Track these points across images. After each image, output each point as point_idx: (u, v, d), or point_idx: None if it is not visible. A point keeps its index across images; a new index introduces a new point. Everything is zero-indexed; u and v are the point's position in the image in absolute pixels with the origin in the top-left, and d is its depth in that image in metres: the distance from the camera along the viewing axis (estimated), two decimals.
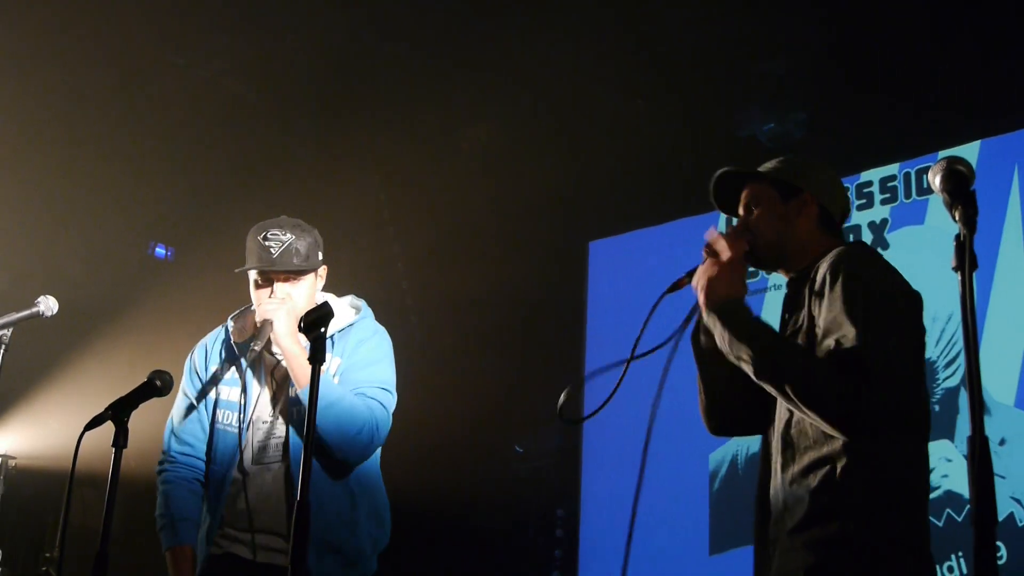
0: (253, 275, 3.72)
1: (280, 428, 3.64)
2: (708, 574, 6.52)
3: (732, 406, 3.04)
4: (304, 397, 3.41)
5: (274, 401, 3.68)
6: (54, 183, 7.51)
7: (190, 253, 8.52)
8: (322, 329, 2.63)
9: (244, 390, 3.69)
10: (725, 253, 2.85)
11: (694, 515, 6.69)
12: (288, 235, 3.68)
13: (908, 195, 6.42)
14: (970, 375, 1.95)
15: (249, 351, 3.64)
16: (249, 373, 3.72)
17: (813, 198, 2.94)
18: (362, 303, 3.93)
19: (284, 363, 3.62)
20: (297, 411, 3.56)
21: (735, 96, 6.84)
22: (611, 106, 7.07)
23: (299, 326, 2.68)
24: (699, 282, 2.83)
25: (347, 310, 3.86)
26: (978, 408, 1.93)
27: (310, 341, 2.63)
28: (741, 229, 2.98)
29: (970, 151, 6.25)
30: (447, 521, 7.70)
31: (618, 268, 7.67)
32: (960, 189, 2.13)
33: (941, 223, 6.25)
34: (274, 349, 3.68)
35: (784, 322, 2.90)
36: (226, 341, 3.83)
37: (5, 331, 3.89)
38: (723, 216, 7.08)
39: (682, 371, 7.13)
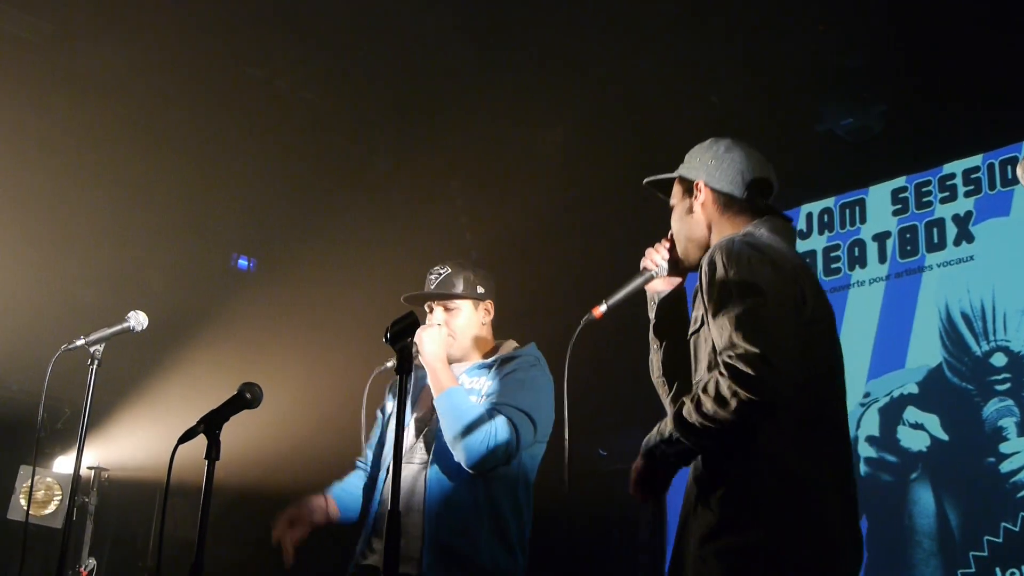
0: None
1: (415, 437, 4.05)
2: None
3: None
4: (437, 404, 3.88)
5: (418, 414, 4.10)
6: (139, 196, 7.69)
7: (272, 264, 8.69)
8: (408, 339, 2.71)
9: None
10: (652, 267, 3.05)
11: None
12: (446, 268, 4.19)
13: (992, 186, 6.36)
14: None
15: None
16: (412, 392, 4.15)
17: (705, 185, 3.00)
18: (532, 347, 4.26)
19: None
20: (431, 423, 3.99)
21: (814, 91, 6.80)
22: (686, 105, 7.07)
23: (385, 336, 2.77)
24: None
25: (512, 345, 4.27)
26: None
27: (396, 351, 2.71)
28: (667, 237, 3.14)
29: None
30: (534, 526, 7.76)
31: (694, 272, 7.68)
32: None
33: None
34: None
35: (693, 305, 2.95)
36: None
37: (98, 346, 4.04)
38: (802, 211, 7.12)
39: None
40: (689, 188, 3.06)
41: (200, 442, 3.41)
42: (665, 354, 3.15)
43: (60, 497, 7.53)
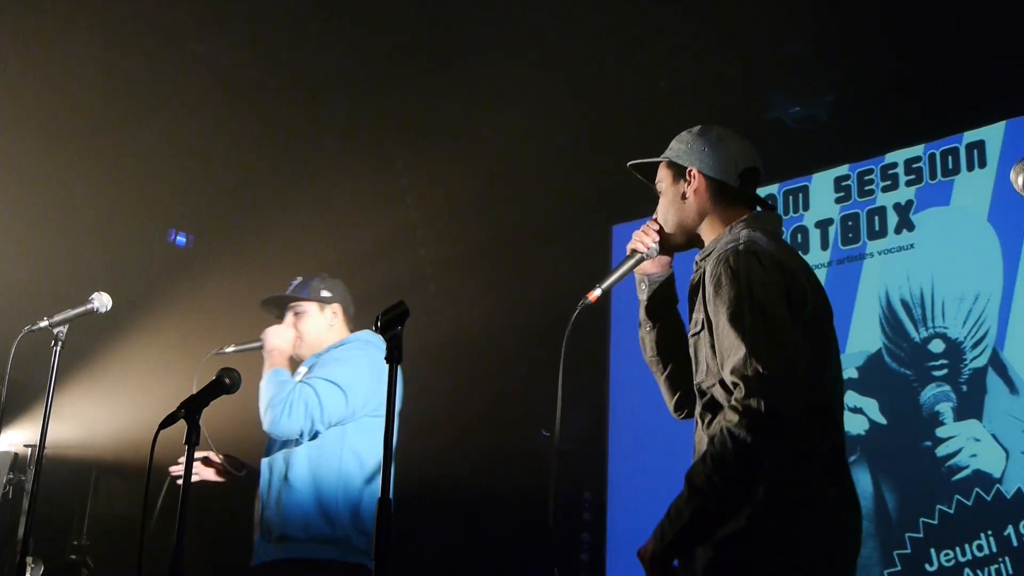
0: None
1: None
2: None
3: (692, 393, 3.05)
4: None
5: None
6: (73, 175, 7.58)
7: (211, 240, 8.62)
8: (399, 327, 2.77)
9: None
10: (642, 248, 3.07)
11: None
12: (298, 279, 4.71)
13: (933, 176, 6.51)
14: None
15: None
16: None
17: (699, 172, 3.00)
18: (366, 332, 4.59)
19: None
20: None
21: (761, 79, 6.91)
22: (634, 91, 7.15)
23: (376, 325, 2.82)
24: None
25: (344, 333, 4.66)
26: None
27: (387, 340, 2.76)
28: (654, 219, 3.12)
29: (995, 132, 6.35)
30: (475, 506, 7.83)
31: None
32: None
33: (967, 204, 6.36)
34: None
35: (690, 304, 3.00)
36: None
37: (61, 328, 4.03)
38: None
39: None
40: (681, 173, 3.06)
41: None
42: (658, 334, 3.26)
43: None
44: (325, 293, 4.66)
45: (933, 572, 5.95)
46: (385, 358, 2.76)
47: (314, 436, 4.19)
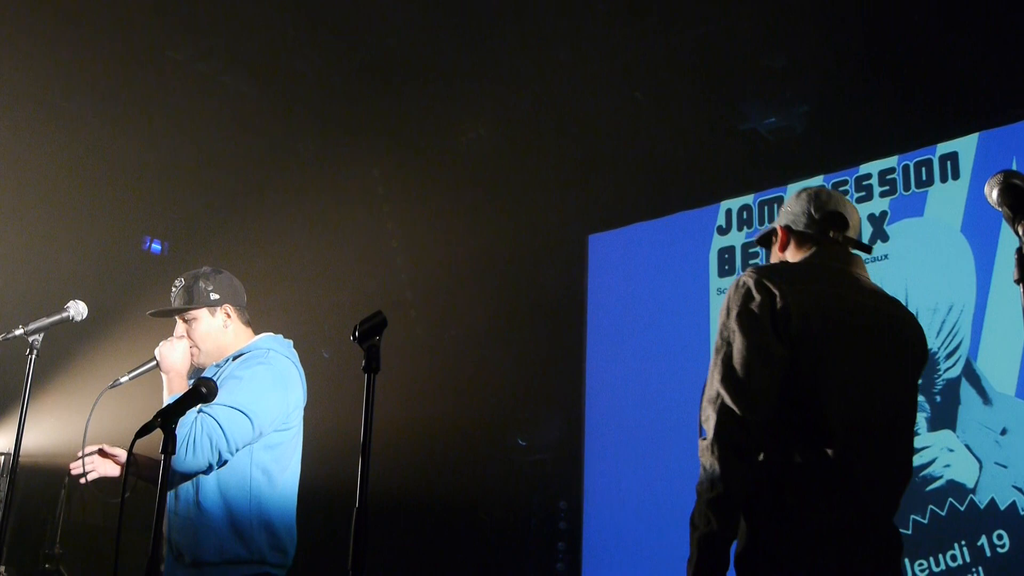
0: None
1: None
2: None
3: None
4: None
5: None
6: (48, 182, 7.55)
7: (185, 248, 8.59)
8: (376, 337, 2.77)
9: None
10: None
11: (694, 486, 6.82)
12: (182, 281, 4.37)
13: (907, 187, 6.56)
14: None
15: None
16: None
17: (782, 229, 3.21)
18: (265, 338, 4.43)
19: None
20: None
21: (737, 91, 6.94)
22: (610, 101, 7.17)
23: (353, 335, 2.82)
24: None
25: (246, 339, 4.40)
26: None
27: (364, 350, 2.76)
28: None
29: (968, 143, 6.40)
30: (452, 514, 7.83)
31: (617, 261, 7.80)
32: (1021, 203, 2.13)
33: (940, 215, 6.40)
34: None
35: None
36: None
37: (37, 336, 4.01)
38: (722, 207, 7.27)
39: (679, 361, 7.25)
40: (773, 235, 3.27)
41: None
42: None
43: None
44: (213, 296, 4.35)
45: None
46: (363, 368, 2.76)
47: (222, 464, 4.02)
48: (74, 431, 7.92)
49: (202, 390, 3.48)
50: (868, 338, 2.95)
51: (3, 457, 7.85)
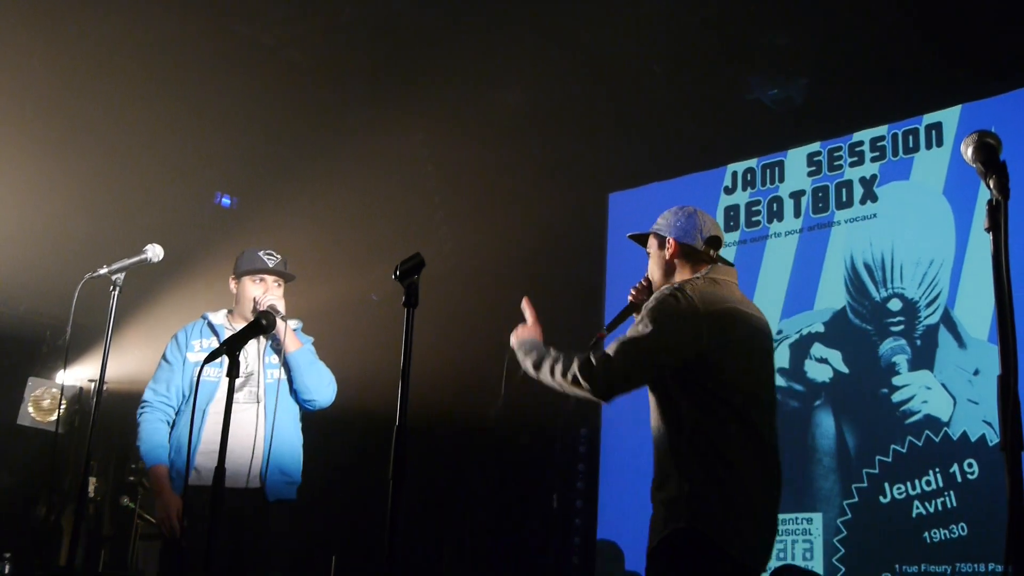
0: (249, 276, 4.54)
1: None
2: None
3: None
4: (293, 358, 4.37)
5: (246, 366, 4.36)
6: (135, 139, 7.61)
7: (252, 202, 8.65)
8: (415, 276, 2.80)
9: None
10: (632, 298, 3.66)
11: None
12: (279, 256, 4.59)
13: (896, 153, 6.53)
14: (1003, 325, 2.04)
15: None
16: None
17: (672, 240, 3.52)
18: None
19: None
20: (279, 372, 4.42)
21: (743, 65, 6.90)
22: (630, 72, 7.14)
23: (395, 273, 2.86)
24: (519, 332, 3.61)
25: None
26: (1011, 354, 2.01)
27: (404, 287, 2.80)
28: (645, 277, 3.66)
29: (952, 114, 6.36)
30: (481, 439, 7.89)
31: (635, 217, 7.78)
32: (992, 160, 2.18)
33: (925, 179, 6.37)
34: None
35: None
36: (206, 322, 4.60)
37: (119, 275, 4.06)
38: (729, 169, 7.25)
39: None
40: (663, 241, 3.55)
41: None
42: None
43: (64, 406, 7.54)
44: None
45: (887, 503, 6.00)
46: (403, 304, 2.80)
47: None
48: (153, 360, 8.07)
49: (263, 322, 3.53)
50: (757, 338, 3.36)
51: (92, 383, 7.98)
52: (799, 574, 5.57)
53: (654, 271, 3.58)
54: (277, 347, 4.31)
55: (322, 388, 4.40)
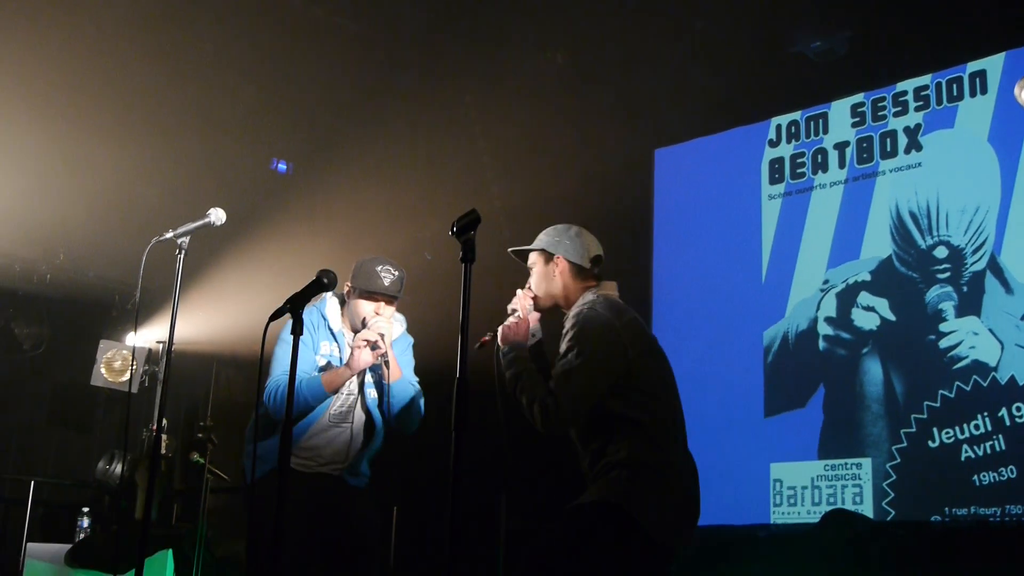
0: (364, 295, 4.29)
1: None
2: (764, 432, 6.67)
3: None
4: (391, 388, 4.25)
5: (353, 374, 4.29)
6: (193, 107, 7.63)
7: (303, 168, 8.66)
8: (471, 232, 2.77)
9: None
10: (520, 310, 3.62)
11: (751, 384, 6.81)
12: (396, 272, 4.29)
13: (940, 102, 6.38)
14: None
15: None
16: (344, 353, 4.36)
17: (562, 258, 3.62)
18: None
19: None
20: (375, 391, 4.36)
21: (786, 18, 6.76)
22: (676, 29, 7.04)
23: (452, 229, 2.83)
24: (501, 334, 3.56)
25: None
26: None
27: (461, 243, 2.77)
28: (528, 288, 3.70)
29: (996, 62, 6.19)
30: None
31: (681, 172, 7.70)
32: None
33: (969, 126, 6.23)
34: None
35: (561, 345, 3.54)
36: (326, 324, 4.40)
37: (184, 238, 4.06)
38: (773, 123, 7.13)
39: (735, 262, 7.14)
40: (550, 258, 3.65)
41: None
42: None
43: (135, 366, 7.62)
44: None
45: (935, 448, 5.92)
46: (460, 259, 2.77)
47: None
48: (219, 321, 8.14)
49: (324, 280, 3.52)
50: (655, 341, 3.58)
51: (161, 345, 8.06)
52: (850, 518, 5.51)
53: (541, 286, 3.66)
54: (378, 367, 4.25)
55: (408, 423, 4.37)
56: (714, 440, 6.57)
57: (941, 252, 6.19)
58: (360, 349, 4.11)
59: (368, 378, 4.31)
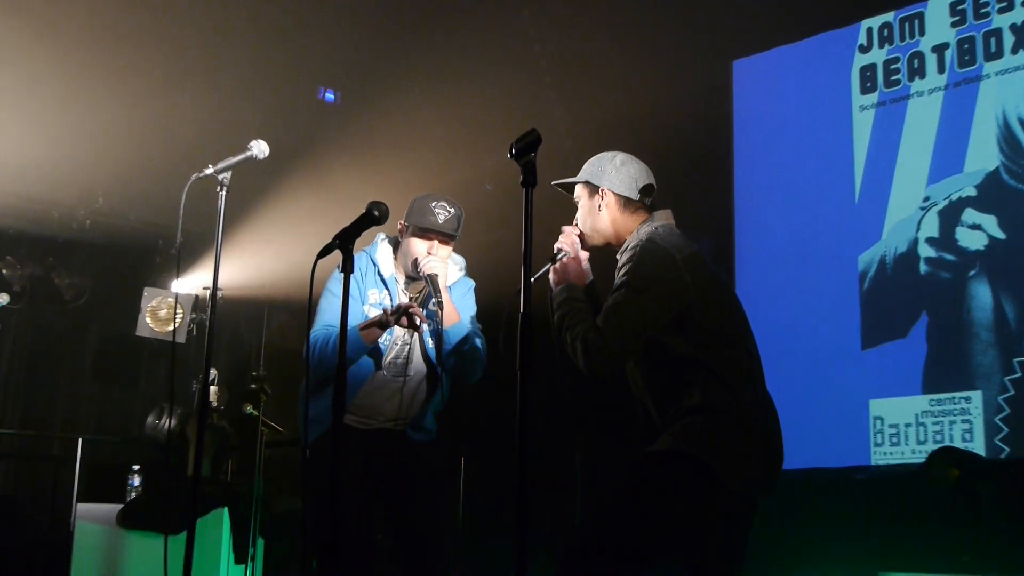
0: (417, 232, 4.23)
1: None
2: (861, 366, 6.54)
3: None
4: (448, 333, 4.21)
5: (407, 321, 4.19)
6: (233, 37, 7.61)
7: (356, 97, 8.61)
8: (532, 154, 2.70)
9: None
10: (569, 248, 3.55)
11: (846, 314, 6.68)
12: (453, 209, 4.21)
13: None
14: None
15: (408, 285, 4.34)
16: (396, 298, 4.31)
17: (607, 190, 3.54)
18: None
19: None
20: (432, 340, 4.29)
21: None
22: None
23: (510, 152, 2.75)
24: (553, 275, 3.51)
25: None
26: None
27: (521, 165, 2.69)
28: (575, 224, 3.64)
29: None
30: None
31: (761, 85, 7.53)
32: None
33: None
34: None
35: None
36: (376, 270, 4.33)
37: (226, 174, 4.02)
38: (863, 26, 6.92)
39: (825, 182, 6.99)
40: (595, 190, 3.57)
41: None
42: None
43: (181, 315, 7.68)
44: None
45: None
46: (520, 183, 2.70)
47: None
48: (267, 263, 8.17)
49: (375, 213, 3.48)
50: (720, 273, 3.49)
51: (207, 291, 8.11)
52: (959, 456, 5.40)
53: (587, 221, 3.60)
54: (433, 313, 4.16)
55: (469, 371, 4.31)
56: (807, 377, 6.48)
57: None
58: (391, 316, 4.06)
59: (425, 325, 4.21)
